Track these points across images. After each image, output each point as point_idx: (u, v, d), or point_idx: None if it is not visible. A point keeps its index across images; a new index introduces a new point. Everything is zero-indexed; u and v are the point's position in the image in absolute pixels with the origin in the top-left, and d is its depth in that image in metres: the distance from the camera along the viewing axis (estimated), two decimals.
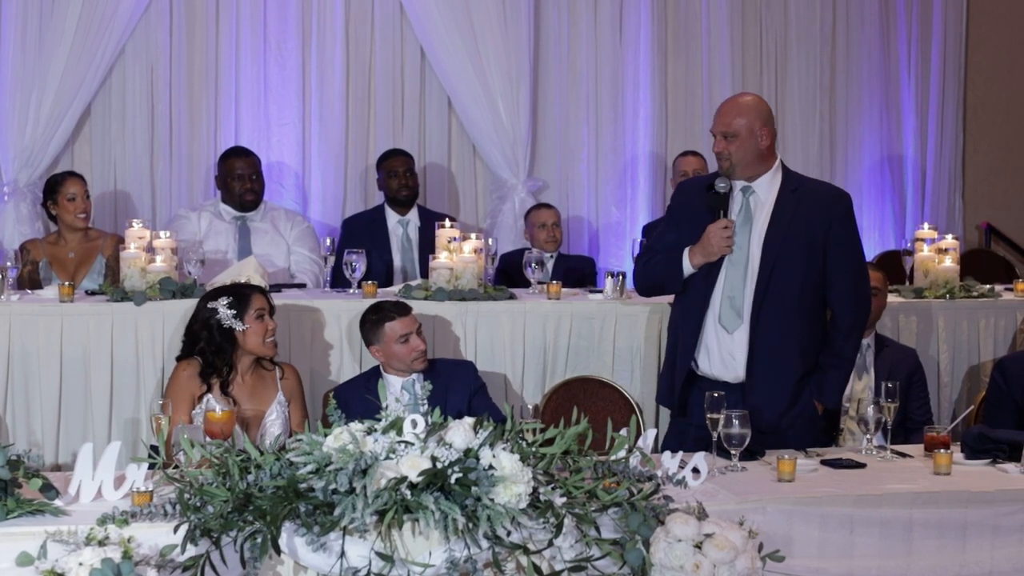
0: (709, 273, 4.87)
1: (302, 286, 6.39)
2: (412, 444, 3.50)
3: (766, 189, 4.89)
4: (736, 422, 4.24)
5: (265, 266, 6.17)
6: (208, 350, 5.03)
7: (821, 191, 5.06)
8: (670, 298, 5.26)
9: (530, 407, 4.30)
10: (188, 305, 5.47)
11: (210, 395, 4.96)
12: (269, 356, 5.12)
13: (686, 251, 4.87)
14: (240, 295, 5.10)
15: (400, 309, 5.26)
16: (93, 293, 5.85)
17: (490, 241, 6.37)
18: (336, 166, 8.09)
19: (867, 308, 5.05)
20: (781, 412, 4.82)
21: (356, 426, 3.56)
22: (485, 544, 3.41)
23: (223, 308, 5.04)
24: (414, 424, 3.54)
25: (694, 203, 4.96)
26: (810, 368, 4.90)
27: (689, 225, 4.91)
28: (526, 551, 3.46)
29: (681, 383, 4.93)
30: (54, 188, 6.44)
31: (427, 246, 6.58)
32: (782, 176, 4.93)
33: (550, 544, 3.51)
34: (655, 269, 5.03)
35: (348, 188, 8.13)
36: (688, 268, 4.88)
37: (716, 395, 4.33)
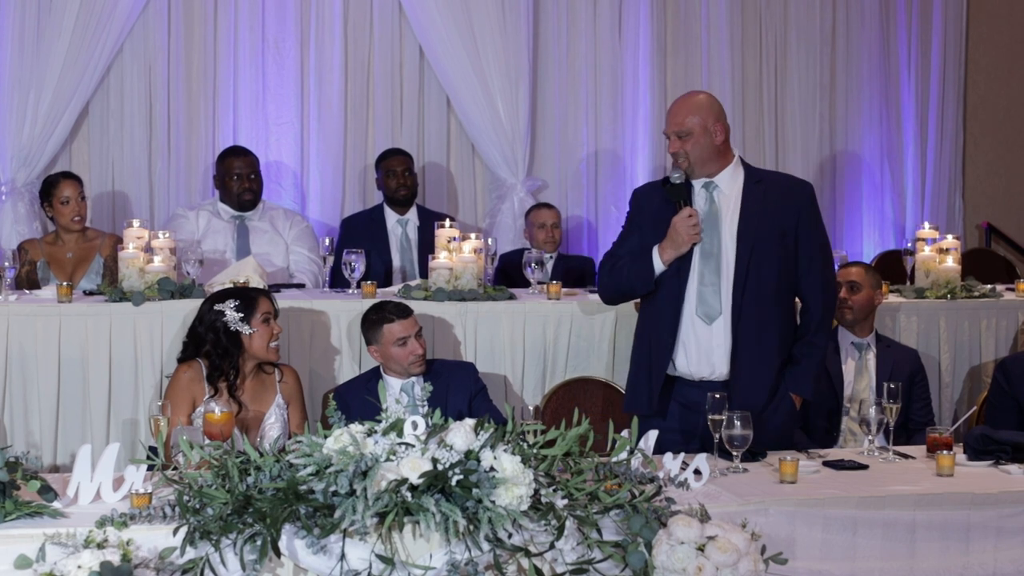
0: (680, 269, 4.84)
1: (301, 286, 6.38)
2: (413, 446, 3.49)
3: (729, 183, 4.89)
4: (738, 423, 4.22)
5: (264, 266, 6.16)
6: (214, 353, 5.00)
7: (785, 182, 5.07)
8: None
9: (530, 408, 4.28)
10: (187, 305, 5.45)
11: (212, 398, 4.92)
12: (272, 361, 5.09)
13: (655, 249, 4.84)
14: (247, 298, 5.08)
15: (400, 311, 5.23)
16: (91, 293, 5.83)
17: (489, 241, 6.36)
18: (335, 165, 8.07)
19: (835, 296, 5.09)
20: (763, 405, 4.77)
21: (356, 428, 3.55)
22: (486, 546, 3.40)
23: (231, 311, 5.01)
24: (415, 426, 3.52)
25: (652, 205, 4.95)
26: (786, 360, 4.90)
27: (652, 227, 4.90)
28: (527, 553, 3.45)
29: (661, 383, 4.86)
30: (48, 191, 6.42)
31: (426, 246, 6.56)
32: (743, 169, 4.94)
33: (552, 546, 3.50)
34: (622, 273, 4.97)
35: (347, 188, 8.11)
36: (659, 266, 4.84)
37: (718, 396, 4.32)
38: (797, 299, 4.96)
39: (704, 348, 4.83)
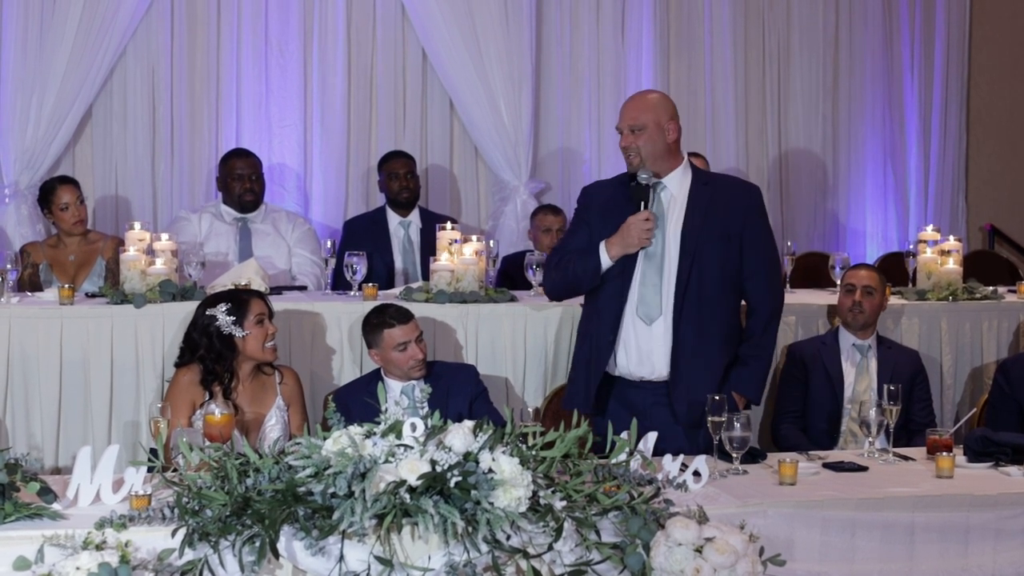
0: (624, 268, 4.84)
1: (303, 288, 6.38)
2: (411, 447, 3.49)
3: (677, 184, 4.91)
4: (738, 425, 4.22)
5: (266, 268, 6.16)
6: (208, 357, 5.00)
7: (733, 184, 5.13)
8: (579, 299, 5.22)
9: (530, 410, 4.28)
10: (188, 308, 5.45)
11: (211, 400, 4.93)
12: (269, 361, 5.09)
13: (602, 244, 4.84)
14: (239, 301, 5.08)
15: (401, 316, 5.22)
16: (93, 296, 5.83)
17: (491, 243, 6.36)
18: (337, 168, 8.08)
19: (782, 299, 5.07)
20: (703, 407, 4.78)
21: (355, 429, 3.55)
22: (484, 548, 3.40)
23: (222, 315, 5.01)
24: (413, 428, 3.53)
25: (601, 201, 4.95)
26: (731, 362, 4.90)
27: (601, 223, 4.89)
28: (526, 555, 3.45)
29: (598, 381, 4.87)
30: (47, 197, 6.45)
31: (428, 248, 6.56)
32: (692, 172, 4.96)
33: (550, 548, 3.50)
34: (568, 267, 4.95)
35: (349, 190, 8.12)
36: (606, 261, 4.84)
37: (716, 398, 4.31)
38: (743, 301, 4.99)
39: (644, 349, 4.84)
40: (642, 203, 4.82)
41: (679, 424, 4.79)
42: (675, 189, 4.90)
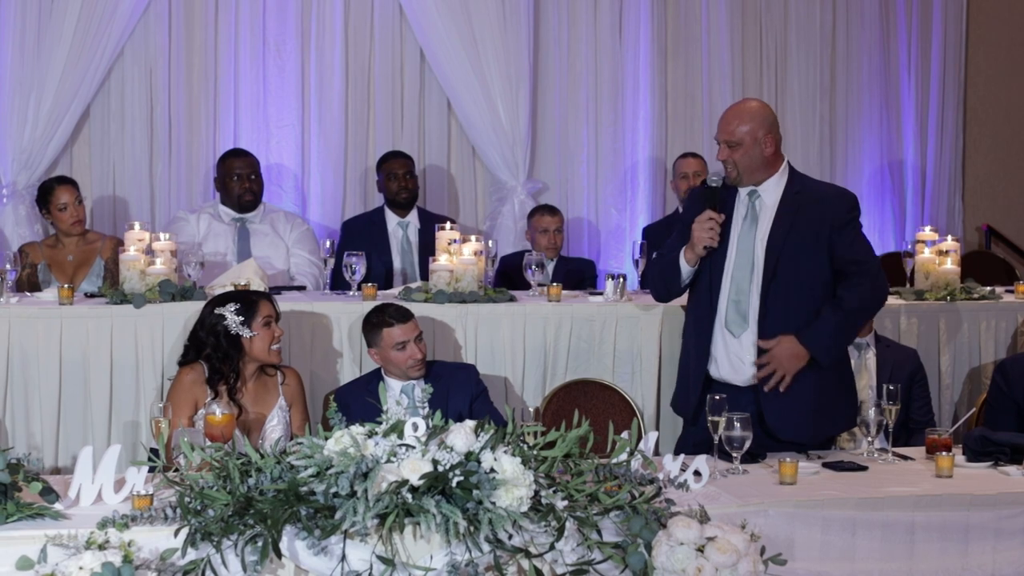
0: (712, 279, 4.87)
1: (302, 288, 6.38)
2: (413, 447, 3.50)
3: (772, 192, 4.87)
4: (737, 424, 4.23)
5: (264, 268, 6.16)
6: (215, 356, 5.01)
7: (824, 191, 5.01)
8: (681, 300, 5.25)
9: (530, 410, 4.29)
10: (188, 308, 5.46)
11: (213, 400, 4.93)
12: (274, 363, 5.10)
13: (682, 250, 4.90)
14: (248, 302, 5.08)
15: (401, 316, 5.23)
16: (92, 296, 5.83)
17: (490, 243, 6.35)
18: (335, 168, 8.08)
19: (883, 295, 4.93)
20: (802, 418, 4.77)
21: (357, 429, 3.56)
22: (486, 547, 3.41)
23: (231, 314, 5.01)
24: (415, 427, 3.53)
25: (700, 207, 4.95)
26: (827, 372, 4.83)
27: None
28: (528, 555, 3.46)
29: (698, 391, 4.88)
30: (45, 197, 6.45)
31: (427, 248, 6.57)
32: (787, 178, 4.91)
33: (552, 548, 3.51)
34: (656, 272, 5.09)
35: (348, 190, 8.12)
36: (684, 267, 4.90)
37: (718, 398, 4.32)
38: None
39: (735, 357, 4.85)
40: (712, 206, 4.83)
41: (770, 437, 4.71)
42: (768, 197, 4.87)
